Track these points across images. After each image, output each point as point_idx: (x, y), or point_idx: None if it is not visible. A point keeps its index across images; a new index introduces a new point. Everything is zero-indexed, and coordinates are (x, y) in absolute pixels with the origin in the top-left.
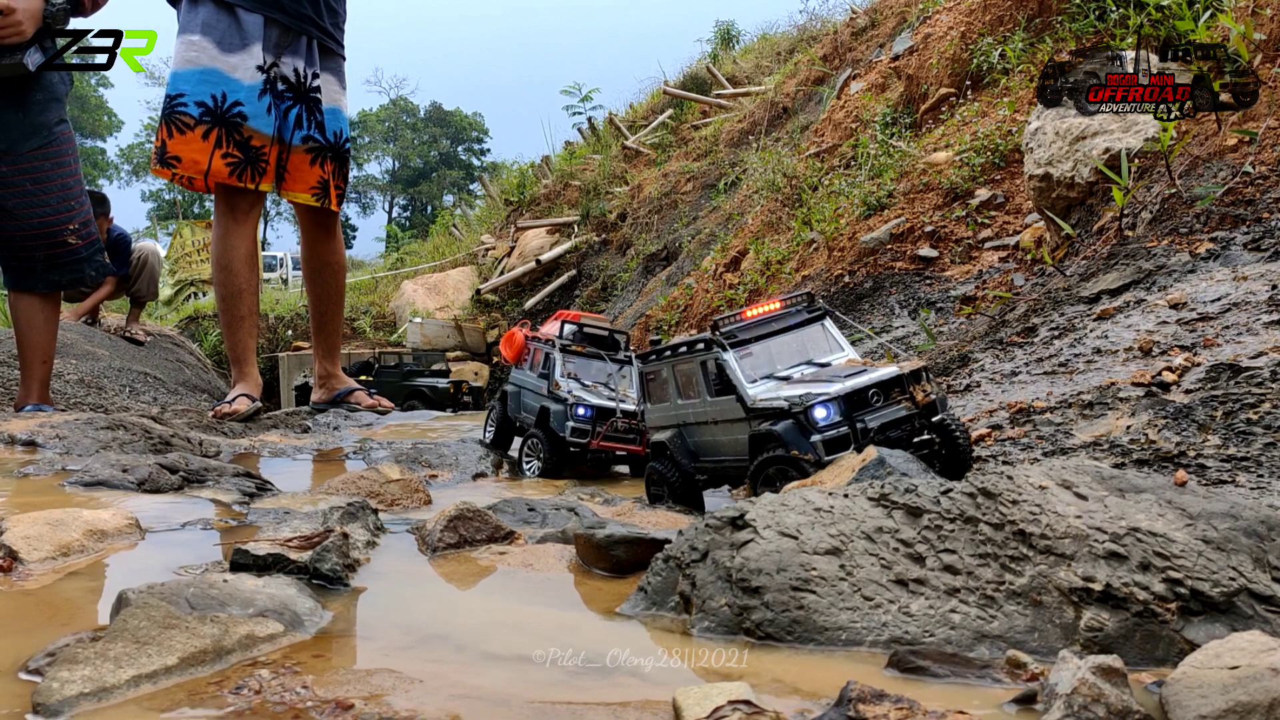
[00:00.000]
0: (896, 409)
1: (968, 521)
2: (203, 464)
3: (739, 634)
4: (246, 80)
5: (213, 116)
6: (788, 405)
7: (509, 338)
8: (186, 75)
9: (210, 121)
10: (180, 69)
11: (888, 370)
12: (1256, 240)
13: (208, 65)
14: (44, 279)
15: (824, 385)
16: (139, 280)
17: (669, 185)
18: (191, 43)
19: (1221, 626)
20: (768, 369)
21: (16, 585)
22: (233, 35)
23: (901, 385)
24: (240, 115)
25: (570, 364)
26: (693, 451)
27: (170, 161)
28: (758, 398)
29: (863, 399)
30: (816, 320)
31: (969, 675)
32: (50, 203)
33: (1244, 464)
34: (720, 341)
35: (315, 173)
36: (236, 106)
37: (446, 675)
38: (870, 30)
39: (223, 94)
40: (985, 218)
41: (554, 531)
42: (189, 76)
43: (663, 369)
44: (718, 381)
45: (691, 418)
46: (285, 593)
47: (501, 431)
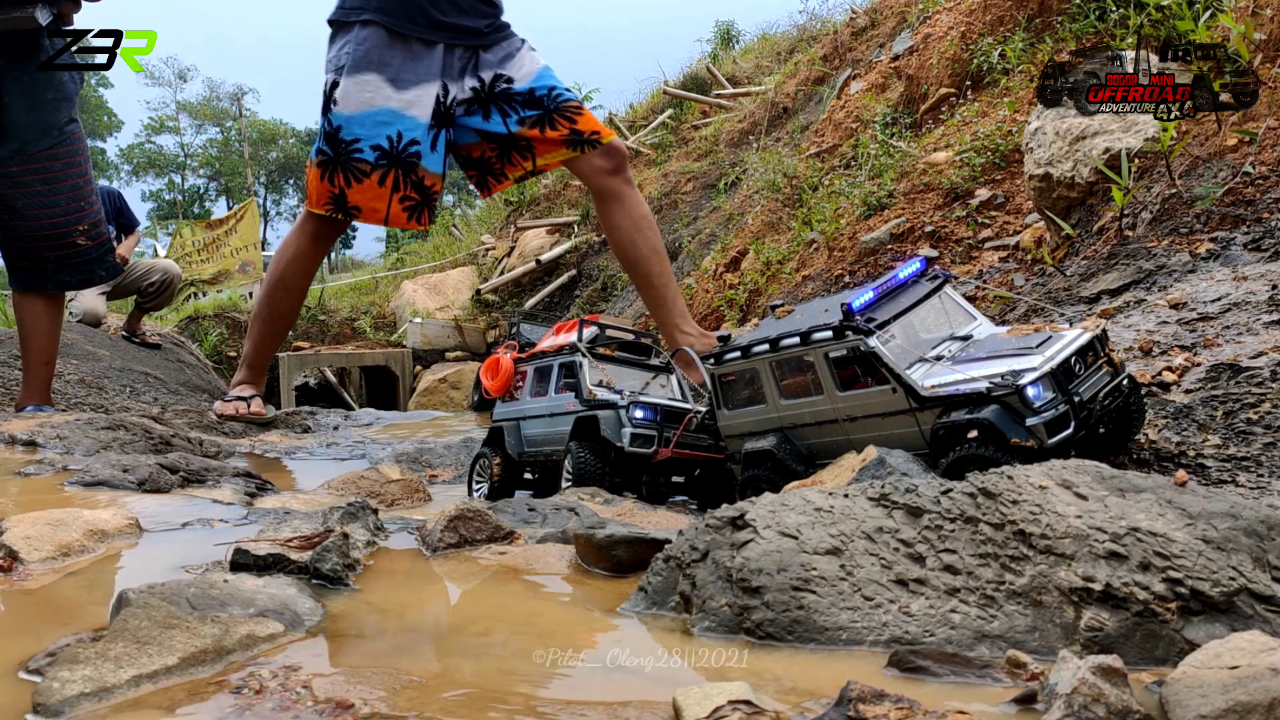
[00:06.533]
0: (1100, 375)
1: (968, 521)
2: (203, 464)
3: (739, 634)
4: (422, 118)
5: (389, 159)
6: (989, 388)
7: (492, 365)
8: (360, 119)
9: (386, 164)
10: (353, 112)
11: (1081, 334)
12: (1256, 240)
13: (381, 106)
14: (54, 279)
15: (1010, 361)
16: (156, 299)
17: (669, 185)
18: (365, 83)
19: (1221, 626)
20: (916, 351)
21: (17, 585)
22: (408, 70)
23: (1096, 348)
24: (415, 155)
25: (599, 371)
26: (807, 456)
27: (352, 211)
28: (931, 385)
29: (1068, 369)
30: (940, 288)
31: (969, 675)
32: (61, 203)
33: (1244, 464)
34: (865, 327)
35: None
36: (413, 146)
37: (447, 675)
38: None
39: (398, 134)
40: (985, 218)
41: (554, 531)
42: (363, 120)
43: (753, 367)
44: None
45: (808, 418)
46: (286, 593)
47: (505, 478)
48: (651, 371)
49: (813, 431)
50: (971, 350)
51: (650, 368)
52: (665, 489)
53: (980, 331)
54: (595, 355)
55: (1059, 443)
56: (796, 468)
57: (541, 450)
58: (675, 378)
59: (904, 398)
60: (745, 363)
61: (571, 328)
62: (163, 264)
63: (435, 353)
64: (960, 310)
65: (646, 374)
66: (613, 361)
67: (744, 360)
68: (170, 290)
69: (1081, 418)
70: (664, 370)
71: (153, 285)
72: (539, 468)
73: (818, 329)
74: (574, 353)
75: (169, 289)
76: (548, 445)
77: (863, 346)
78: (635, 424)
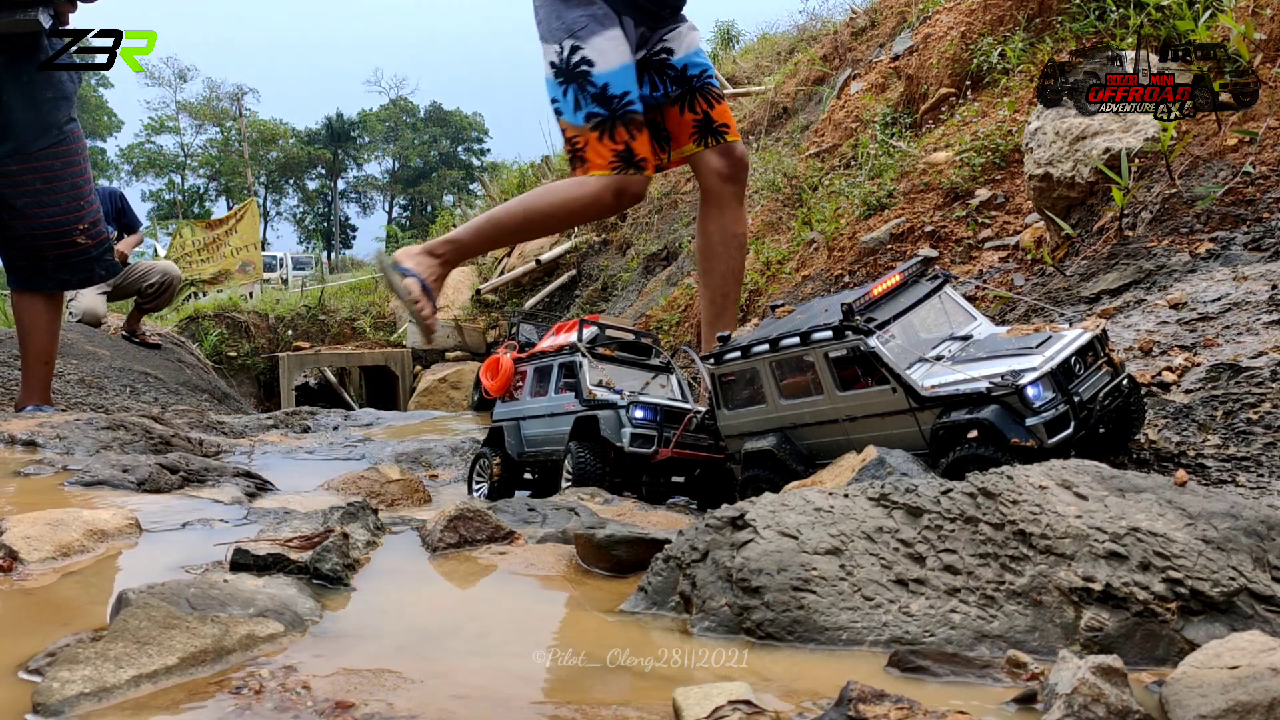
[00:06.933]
0: (1100, 375)
1: (968, 521)
2: (203, 464)
3: (739, 634)
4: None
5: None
6: (989, 388)
7: (492, 365)
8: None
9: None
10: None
11: (1081, 334)
12: (1256, 240)
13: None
14: (53, 278)
15: (1010, 361)
16: (156, 299)
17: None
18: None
19: (1221, 626)
20: (916, 351)
21: (16, 585)
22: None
23: (1096, 348)
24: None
25: (599, 371)
26: (807, 456)
27: (639, 164)
28: (931, 385)
29: (1067, 369)
30: (940, 288)
31: (969, 675)
32: (60, 202)
33: (1244, 464)
34: (865, 328)
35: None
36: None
37: (447, 675)
38: (870, 30)
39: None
40: (985, 218)
41: (554, 531)
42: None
43: (753, 367)
44: (850, 373)
45: (808, 418)
46: (286, 593)
47: (504, 478)
48: (651, 371)
49: (813, 431)
50: (971, 350)
51: (650, 368)
52: (665, 489)
53: (980, 331)
54: (595, 355)
55: (1059, 443)
56: (796, 468)
57: (541, 450)
58: (675, 378)
59: (904, 398)
60: (745, 363)
61: (571, 328)
62: (162, 265)
63: (435, 353)
64: (960, 310)
65: (646, 374)
66: (613, 361)
67: (744, 360)
68: (170, 291)
69: (1081, 418)
70: (664, 370)
71: (152, 286)
72: (539, 468)
73: (818, 329)
74: (574, 353)
75: (169, 290)
76: (548, 445)
77: (863, 346)
78: (635, 424)
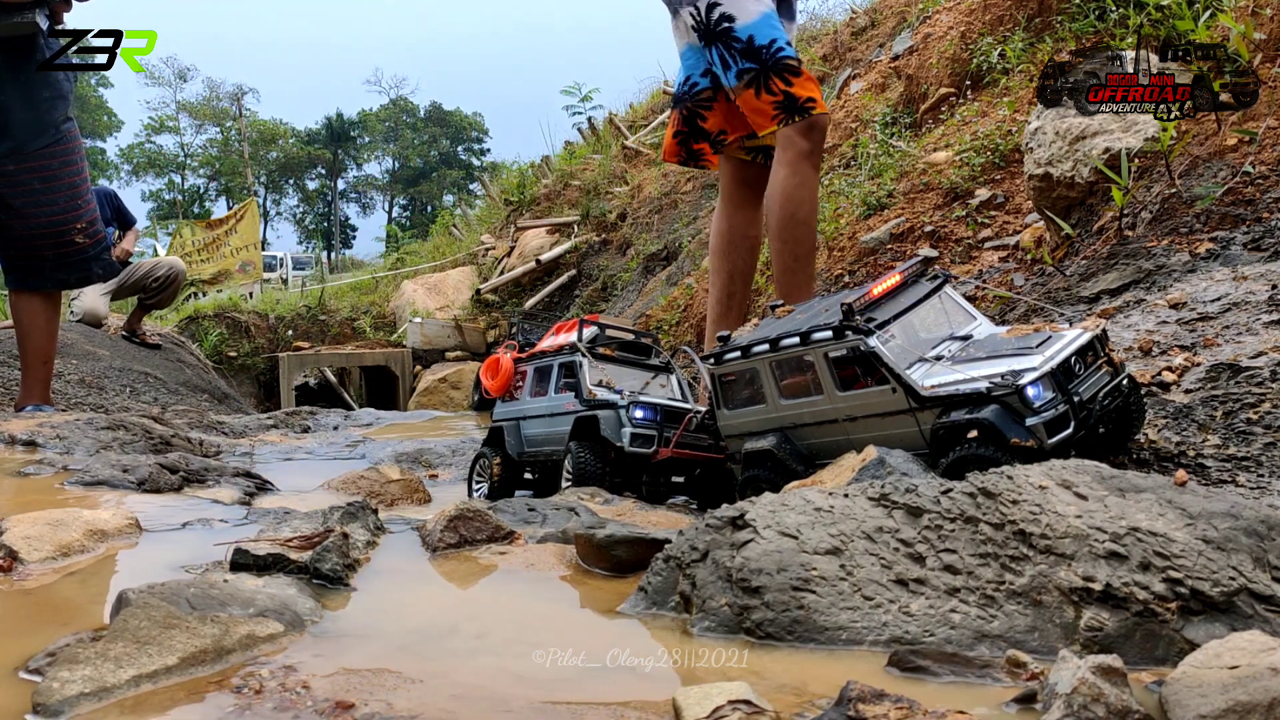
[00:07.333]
0: (1100, 375)
1: (968, 521)
2: (203, 464)
3: (739, 634)
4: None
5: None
6: (989, 388)
7: (492, 365)
8: (761, 24)
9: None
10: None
11: (1081, 334)
12: (1256, 240)
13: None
14: (52, 278)
15: (1010, 361)
16: (160, 294)
17: (669, 185)
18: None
19: (1221, 626)
20: (916, 351)
21: (16, 585)
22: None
23: (1096, 348)
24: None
25: (599, 371)
26: (807, 456)
27: (806, 106)
28: (931, 385)
29: (1067, 369)
30: (939, 288)
31: (969, 675)
32: (58, 201)
33: (1244, 464)
34: (865, 328)
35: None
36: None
37: (447, 675)
38: (870, 30)
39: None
40: (985, 218)
41: (554, 531)
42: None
43: (753, 367)
44: (849, 373)
45: (808, 418)
46: (286, 593)
47: (504, 478)
48: (651, 371)
49: (813, 431)
50: (971, 350)
51: (650, 368)
52: (665, 489)
53: (980, 331)
54: (595, 355)
55: (1059, 443)
56: (796, 468)
57: (541, 450)
58: (675, 378)
59: (904, 398)
60: (745, 362)
61: (571, 328)
62: (167, 260)
63: (435, 353)
64: (960, 310)
65: (646, 374)
66: (613, 361)
67: (744, 360)
68: (175, 286)
69: (1081, 418)
70: (664, 370)
71: (157, 281)
72: (539, 468)
73: (818, 329)
74: (574, 353)
75: (174, 284)
76: (548, 445)
77: (863, 346)
78: (635, 424)
